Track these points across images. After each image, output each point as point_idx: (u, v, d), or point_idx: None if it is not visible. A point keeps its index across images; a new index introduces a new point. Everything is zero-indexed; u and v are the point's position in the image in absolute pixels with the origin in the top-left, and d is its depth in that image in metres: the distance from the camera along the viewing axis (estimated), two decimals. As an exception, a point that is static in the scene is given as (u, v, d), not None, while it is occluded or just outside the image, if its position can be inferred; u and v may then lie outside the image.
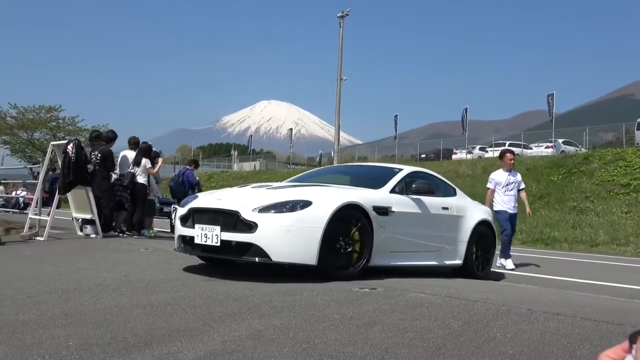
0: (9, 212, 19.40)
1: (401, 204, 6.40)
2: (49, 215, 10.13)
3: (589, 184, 23.30)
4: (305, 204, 5.42)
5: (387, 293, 4.97)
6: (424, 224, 6.79)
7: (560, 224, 20.06)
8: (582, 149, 33.79)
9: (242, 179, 44.21)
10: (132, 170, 10.92)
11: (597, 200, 21.52)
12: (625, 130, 36.21)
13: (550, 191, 23.91)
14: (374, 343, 3.29)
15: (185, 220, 6.02)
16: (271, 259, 5.29)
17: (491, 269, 8.14)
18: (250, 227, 5.33)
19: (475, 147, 42.37)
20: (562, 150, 33.77)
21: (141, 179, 10.96)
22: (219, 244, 5.48)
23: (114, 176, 11.16)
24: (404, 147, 53.23)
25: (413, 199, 6.61)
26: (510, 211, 9.66)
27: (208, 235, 5.55)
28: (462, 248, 7.38)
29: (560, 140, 36.04)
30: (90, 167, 10.16)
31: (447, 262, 7.22)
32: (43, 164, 11.39)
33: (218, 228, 5.49)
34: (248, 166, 64.19)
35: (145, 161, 11.03)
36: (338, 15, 44.74)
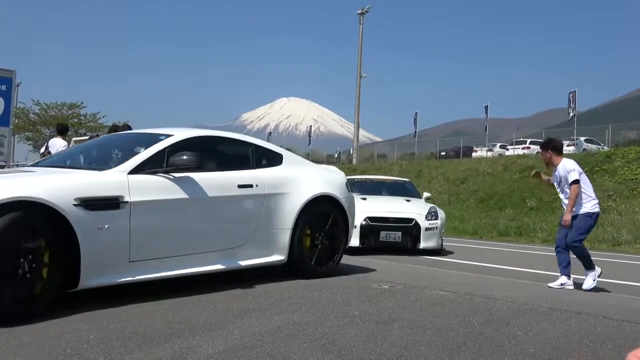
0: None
1: (147, 189, 4.37)
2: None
3: (612, 182, 22.98)
4: None
5: (406, 290, 4.95)
6: (198, 213, 4.77)
7: (581, 223, 19.80)
8: (605, 147, 33.35)
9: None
10: None
11: (620, 199, 21.21)
12: (650, 129, 35.63)
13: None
14: (394, 340, 3.28)
15: None
16: None
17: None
18: None
19: (495, 145, 42.02)
20: (584, 149, 33.35)
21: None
22: None
23: None
24: (424, 144, 52.93)
25: (174, 180, 4.56)
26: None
27: None
28: (284, 238, 5.34)
29: (582, 138, 35.58)
30: None
31: (251, 262, 5.14)
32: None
33: None
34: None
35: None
36: (358, 12, 44.71)
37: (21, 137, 44.90)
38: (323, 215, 5.74)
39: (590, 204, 6.40)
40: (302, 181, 5.63)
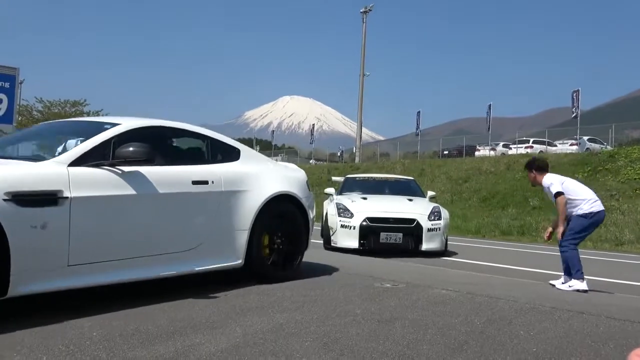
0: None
1: (90, 183, 3.83)
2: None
3: (615, 182, 22.95)
4: None
5: (408, 289, 4.95)
6: (147, 212, 4.24)
7: (584, 223, 19.74)
8: (608, 146, 33.29)
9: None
10: None
11: (623, 198, 21.19)
12: (653, 128, 35.55)
13: (574, 189, 23.52)
14: (396, 339, 3.28)
15: None
16: None
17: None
18: None
19: (498, 144, 42.00)
20: (587, 148, 33.32)
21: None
22: None
23: None
24: (427, 143, 52.86)
25: (121, 174, 4.03)
26: None
27: None
28: (241, 240, 4.89)
29: (586, 138, 35.53)
30: None
31: (206, 267, 4.65)
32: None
33: None
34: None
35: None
36: (361, 11, 44.72)
37: (24, 135, 45.04)
38: (283, 216, 5.35)
39: (586, 206, 6.19)
40: (261, 179, 5.19)
